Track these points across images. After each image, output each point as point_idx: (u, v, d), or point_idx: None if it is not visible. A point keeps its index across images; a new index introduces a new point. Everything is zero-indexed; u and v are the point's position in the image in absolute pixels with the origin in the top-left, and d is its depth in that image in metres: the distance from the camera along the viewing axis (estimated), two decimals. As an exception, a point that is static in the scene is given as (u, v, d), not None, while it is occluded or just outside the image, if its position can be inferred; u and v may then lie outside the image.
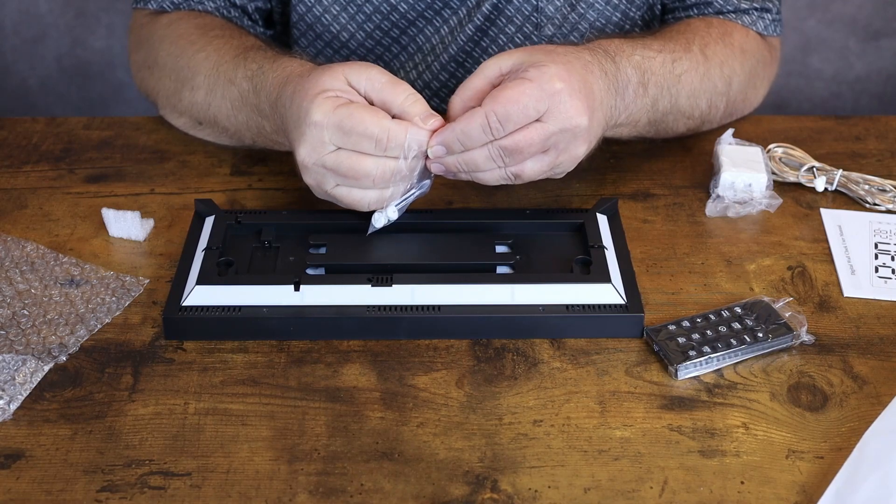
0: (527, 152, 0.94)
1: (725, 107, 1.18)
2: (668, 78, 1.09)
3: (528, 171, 0.96)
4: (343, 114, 0.91)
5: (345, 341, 0.93)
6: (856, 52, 2.14)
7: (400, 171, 0.93)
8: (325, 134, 0.92)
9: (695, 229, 1.07)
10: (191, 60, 1.14)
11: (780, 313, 0.94)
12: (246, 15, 1.24)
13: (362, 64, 0.95)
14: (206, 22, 1.19)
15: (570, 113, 0.94)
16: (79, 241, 1.05)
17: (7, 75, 2.18)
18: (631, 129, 1.10)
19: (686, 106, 1.13)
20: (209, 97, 1.12)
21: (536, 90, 0.92)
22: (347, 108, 0.91)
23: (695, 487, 0.80)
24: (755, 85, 1.22)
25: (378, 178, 0.93)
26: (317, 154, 0.93)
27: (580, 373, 0.90)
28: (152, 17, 1.23)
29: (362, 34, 1.25)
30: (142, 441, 0.84)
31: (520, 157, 0.94)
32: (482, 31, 1.23)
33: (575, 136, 0.95)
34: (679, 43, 1.11)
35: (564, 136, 0.95)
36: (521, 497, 0.79)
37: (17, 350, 0.92)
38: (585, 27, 1.23)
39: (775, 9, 1.23)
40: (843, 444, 0.83)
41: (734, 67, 1.16)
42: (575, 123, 0.94)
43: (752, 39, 1.21)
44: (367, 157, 0.92)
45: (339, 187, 0.95)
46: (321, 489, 0.80)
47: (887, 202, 1.10)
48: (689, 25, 1.17)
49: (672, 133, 1.17)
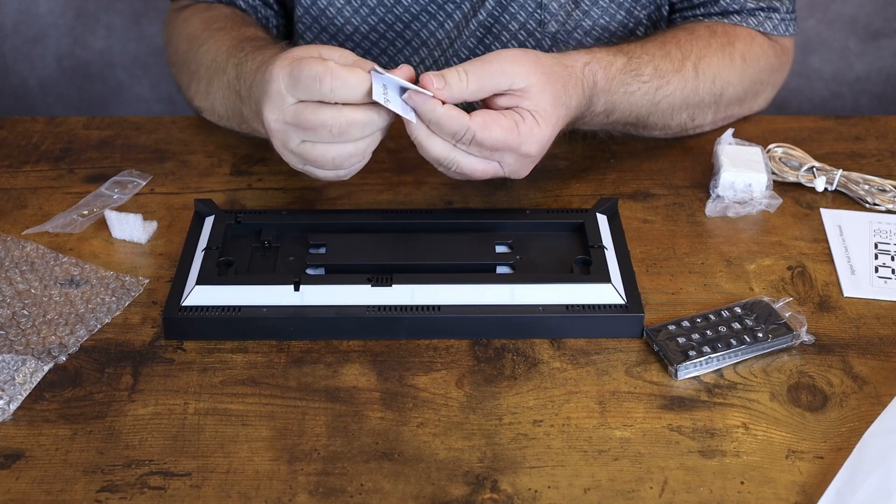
0: (473, 175, 0.98)
1: (714, 115, 1.20)
2: (643, 106, 1.12)
3: (466, 170, 0.98)
4: (294, 63, 0.93)
5: (345, 341, 0.93)
6: (856, 52, 2.14)
7: (360, 123, 0.93)
8: (282, 85, 0.93)
9: (695, 229, 1.07)
10: (196, 55, 1.19)
11: (780, 313, 0.94)
12: (266, 4, 1.29)
13: (335, 47, 0.97)
14: (212, 15, 1.23)
15: (522, 171, 1.00)
16: (78, 241, 1.05)
17: (7, 75, 2.18)
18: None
19: (657, 121, 1.15)
20: (209, 87, 1.16)
21: (516, 145, 0.96)
22: (299, 59, 0.93)
23: (695, 487, 0.80)
24: (756, 92, 1.22)
25: (336, 129, 0.93)
26: (279, 110, 0.94)
27: (580, 373, 0.90)
28: (176, 13, 1.29)
29: (366, 27, 1.26)
30: (142, 441, 0.84)
31: (464, 169, 0.98)
32: (486, 27, 1.23)
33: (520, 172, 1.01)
34: (673, 62, 1.13)
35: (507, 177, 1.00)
36: (521, 497, 0.79)
37: (17, 350, 0.92)
38: (589, 24, 1.23)
39: (784, 8, 1.21)
40: (843, 444, 0.83)
41: (728, 79, 1.17)
42: (520, 177, 1.01)
43: (758, 45, 1.20)
44: (324, 107, 0.93)
45: (304, 143, 0.96)
46: (321, 489, 0.80)
47: (887, 202, 1.10)
48: (692, 34, 1.17)
49: (644, 137, 1.19)
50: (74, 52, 2.17)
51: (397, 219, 1.04)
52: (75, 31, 2.15)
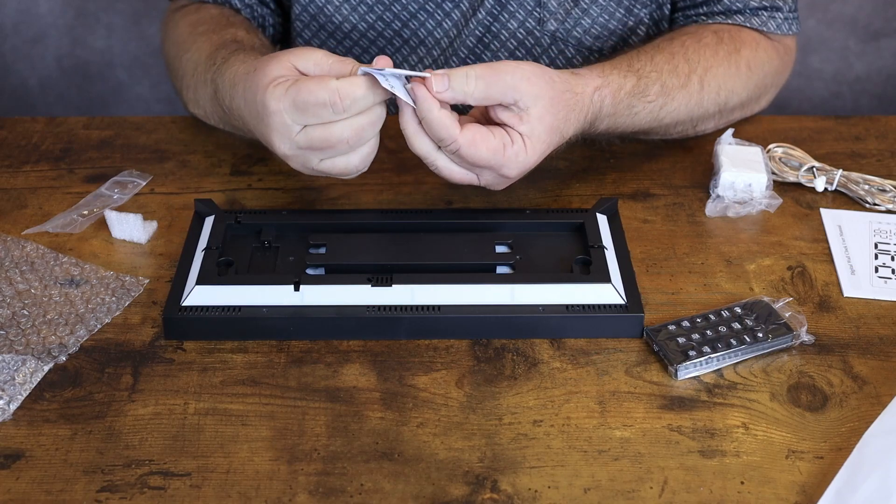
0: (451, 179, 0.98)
1: (716, 122, 1.20)
2: (647, 121, 1.12)
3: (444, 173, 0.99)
4: (292, 92, 0.92)
5: (345, 341, 0.93)
6: (856, 52, 2.14)
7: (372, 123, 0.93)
8: (286, 117, 0.93)
9: (695, 229, 1.07)
10: (181, 62, 1.19)
11: (779, 313, 0.94)
12: (262, 3, 1.29)
13: (306, 49, 0.96)
14: (199, 17, 1.23)
15: (499, 187, 1.01)
16: (78, 241, 1.05)
17: (7, 75, 2.18)
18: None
19: (659, 129, 1.15)
20: (196, 96, 1.17)
21: (497, 165, 0.96)
22: (295, 85, 0.92)
23: (695, 487, 0.80)
24: (759, 97, 1.23)
25: (353, 139, 0.93)
26: (288, 139, 0.94)
27: (580, 373, 0.90)
28: (171, 14, 1.29)
29: (364, 25, 1.26)
30: (142, 441, 0.84)
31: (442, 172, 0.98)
32: (485, 25, 1.23)
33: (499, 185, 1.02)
34: (680, 77, 1.13)
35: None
36: (521, 497, 0.79)
37: (17, 350, 0.92)
38: (588, 23, 1.23)
39: (787, 7, 1.21)
40: (843, 444, 0.83)
41: (734, 88, 1.17)
42: (500, 188, 1.02)
43: (762, 51, 1.20)
44: (334, 124, 0.93)
45: (324, 161, 0.96)
46: (321, 489, 0.80)
47: (887, 202, 1.10)
48: (700, 42, 1.16)
49: (643, 140, 1.19)
50: (74, 52, 2.17)
51: (397, 219, 1.04)
52: (75, 31, 2.15)
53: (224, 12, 1.24)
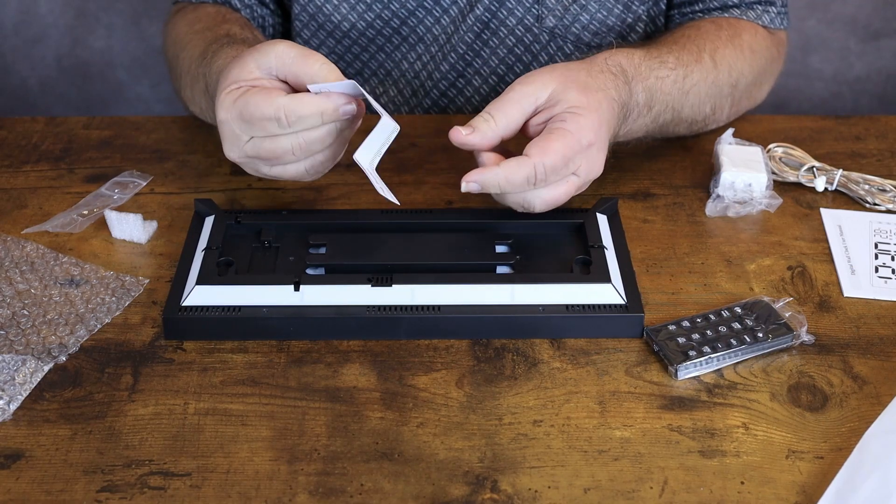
0: (559, 200, 0.97)
1: (730, 107, 1.20)
2: (676, 96, 1.10)
3: (550, 203, 0.98)
4: (240, 104, 0.92)
5: (345, 341, 0.93)
6: (856, 52, 2.14)
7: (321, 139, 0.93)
8: (234, 127, 0.94)
9: (695, 229, 1.07)
10: (179, 62, 1.20)
11: (780, 313, 0.94)
12: (261, 3, 1.29)
13: (270, 43, 0.95)
14: (196, 16, 1.23)
15: (596, 167, 0.98)
16: (78, 241, 1.05)
17: (7, 75, 2.18)
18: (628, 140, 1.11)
19: (689, 114, 1.14)
20: (193, 94, 1.17)
21: (576, 144, 0.94)
22: (244, 97, 0.92)
23: (695, 487, 0.80)
24: (761, 83, 1.24)
25: (299, 151, 0.93)
26: (237, 148, 0.95)
27: (580, 373, 0.90)
28: (172, 15, 1.29)
29: (363, 24, 1.26)
30: (142, 441, 0.84)
31: (548, 204, 0.97)
32: (483, 22, 1.24)
33: (591, 180, 1.00)
34: (691, 53, 1.13)
35: (586, 183, 0.99)
36: (521, 497, 0.79)
37: (17, 350, 0.92)
38: (587, 19, 1.23)
39: (778, 1, 1.24)
40: (843, 444, 0.83)
41: (742, 70, 1.18)
42: (596, 174, 0.99)
43: (761, 38, 1.22)
44: (280, 137, 0.93)
45: (273, 167, 0.97)
46: (321, 489, 0.80)
47: (887, 202, 1.10)
48: (700, 30, 1.17)
49: (672, 135, 1.18)
50: (74, 52, 2.17)
51: (397, 219, 1.04)
52: (75, 31, 2.15)
53: (221, 10, 1.25)
